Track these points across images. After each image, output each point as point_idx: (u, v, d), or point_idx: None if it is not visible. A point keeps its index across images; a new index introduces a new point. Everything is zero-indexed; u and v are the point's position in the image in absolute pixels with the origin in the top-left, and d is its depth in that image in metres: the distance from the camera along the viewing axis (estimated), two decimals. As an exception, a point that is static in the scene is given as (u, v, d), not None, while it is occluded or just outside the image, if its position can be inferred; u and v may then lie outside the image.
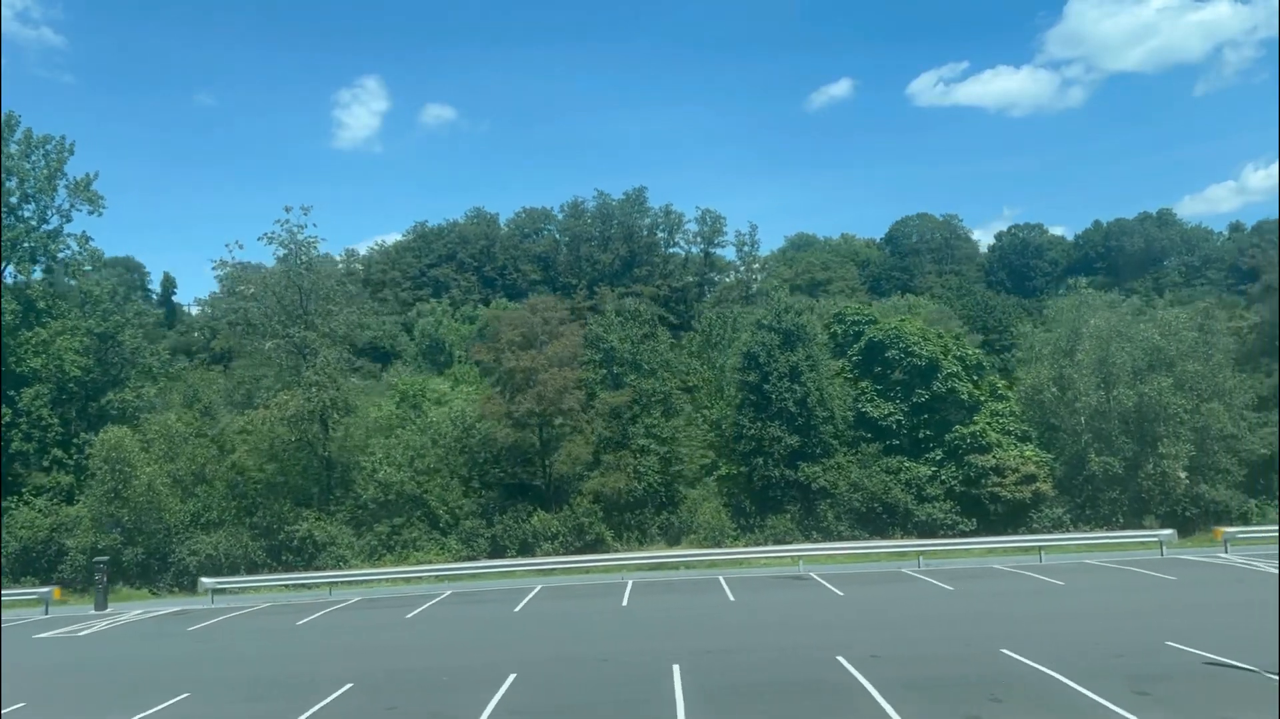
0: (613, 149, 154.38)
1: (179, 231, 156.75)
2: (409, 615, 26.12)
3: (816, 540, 38.69)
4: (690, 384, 47.31)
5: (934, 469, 39.66)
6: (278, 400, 38.68)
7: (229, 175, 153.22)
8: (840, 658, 15.83)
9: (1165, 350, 38.29)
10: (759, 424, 40.57)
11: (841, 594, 25.57)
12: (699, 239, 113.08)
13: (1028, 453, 39.11)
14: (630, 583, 31.49)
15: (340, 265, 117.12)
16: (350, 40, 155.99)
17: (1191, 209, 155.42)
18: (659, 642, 19.02)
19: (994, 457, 38.69)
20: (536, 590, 30.21)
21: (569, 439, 39.83)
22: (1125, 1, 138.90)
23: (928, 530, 38.39)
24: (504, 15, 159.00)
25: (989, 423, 39.98)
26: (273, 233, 40.93)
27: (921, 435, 40.32)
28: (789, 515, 39.74)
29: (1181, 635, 16.35)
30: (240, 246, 58.02)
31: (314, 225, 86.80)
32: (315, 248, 42.57)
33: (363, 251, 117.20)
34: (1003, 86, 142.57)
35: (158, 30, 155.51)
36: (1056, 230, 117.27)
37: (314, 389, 39.20)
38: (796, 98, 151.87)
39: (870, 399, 41.31)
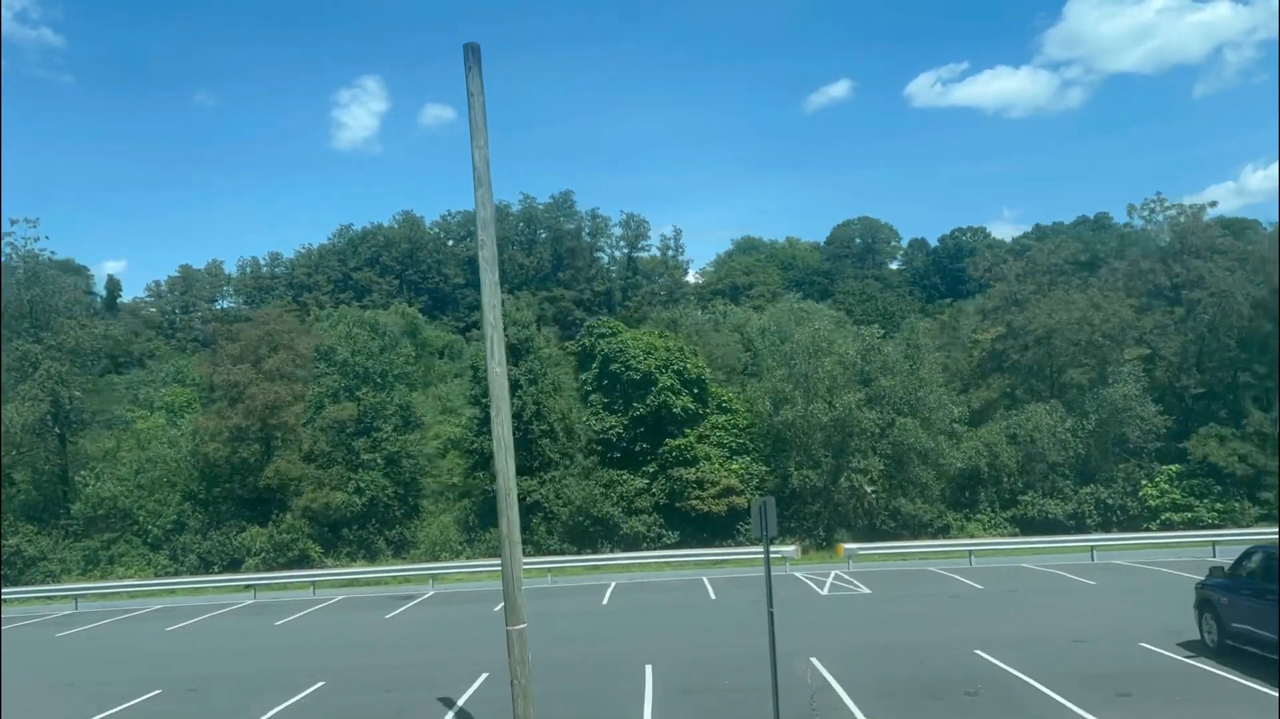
0: (613, 149, 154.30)
1: (178, 232, 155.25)
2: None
3: (529, 555, 39.07)
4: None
5: (647, 482, 40.08)
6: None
7: (228, 175, 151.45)
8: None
9: (861, 366, 38.77)
10: (481, 438, 40.81)
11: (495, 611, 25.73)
12: (622, 243, 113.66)
13: (734, 466, 39.62)
14: (337, 598, 31.90)
15: (265, 269, 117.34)
16: (350, 40, 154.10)
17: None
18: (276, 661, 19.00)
19: (698, 470, 39.15)
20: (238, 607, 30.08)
21: (279, 454, 39.84)
22: (1124, 2, 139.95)
23: (631, 544, 38.83)
24: (505, 16, 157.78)
25: (702, 436, 40.41)
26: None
27: (638, 448, 40.72)
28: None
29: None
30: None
31: (45, 238, 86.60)
32: (40, 259, 42.20)
33: (288, 255, 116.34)
34: (1001, 87, 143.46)
35: (157, 30, 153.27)
36: (1000, 234, 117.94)
37: (30, 403, 39.04)
38: (795, 99, 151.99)
39: (596, 412, 41.66)
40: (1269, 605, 13.89)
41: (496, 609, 25.03)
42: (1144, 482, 37.61)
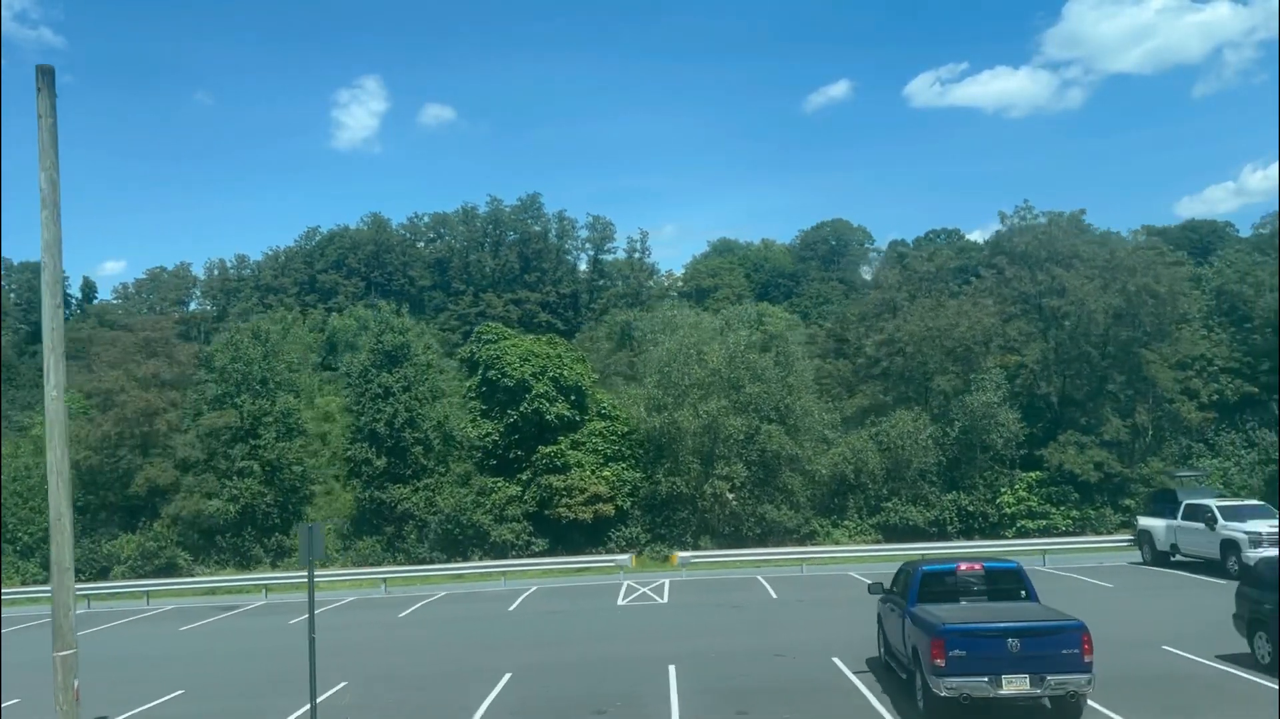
0: (612, 150, 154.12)
1: (177, 232, 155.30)
2: None
3: (400, 563, 39.31)
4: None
5: (520, 489, 40.21)
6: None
7: (228, 175, 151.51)
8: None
9: (727, 373, 38.88)
10: (356, 446, 41.07)
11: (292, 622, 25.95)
12: (588, 245, 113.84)
13: (606, 474, 39.73)
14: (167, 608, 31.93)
15: (231, 270, 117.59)
16: (350, 40, 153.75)
17: (1190, 210, 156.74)
18: None
19: (567, 478, 39.26)
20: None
21: (149, 462, 39.97)
22: (1124, 2, 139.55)
23: (501, 552, 38.97)
24: (505, 16, 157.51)
25: (577, 443, 40.50)
26: None
27: (513, 456, 40.85)
28: (380, 539, 40.24)
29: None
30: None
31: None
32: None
33: (256, 257, 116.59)
34: (1001, 87, 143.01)
35: (157, 31, 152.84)
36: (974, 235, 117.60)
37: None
38: (794, 99, 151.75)
39: (474, 419, 41.79)
40: (902, 620, 13.93)
41: (295, 621, 25.18)
42: (1003, 489, 37.74)
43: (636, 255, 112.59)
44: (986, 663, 11.64)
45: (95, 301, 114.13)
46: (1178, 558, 28.11)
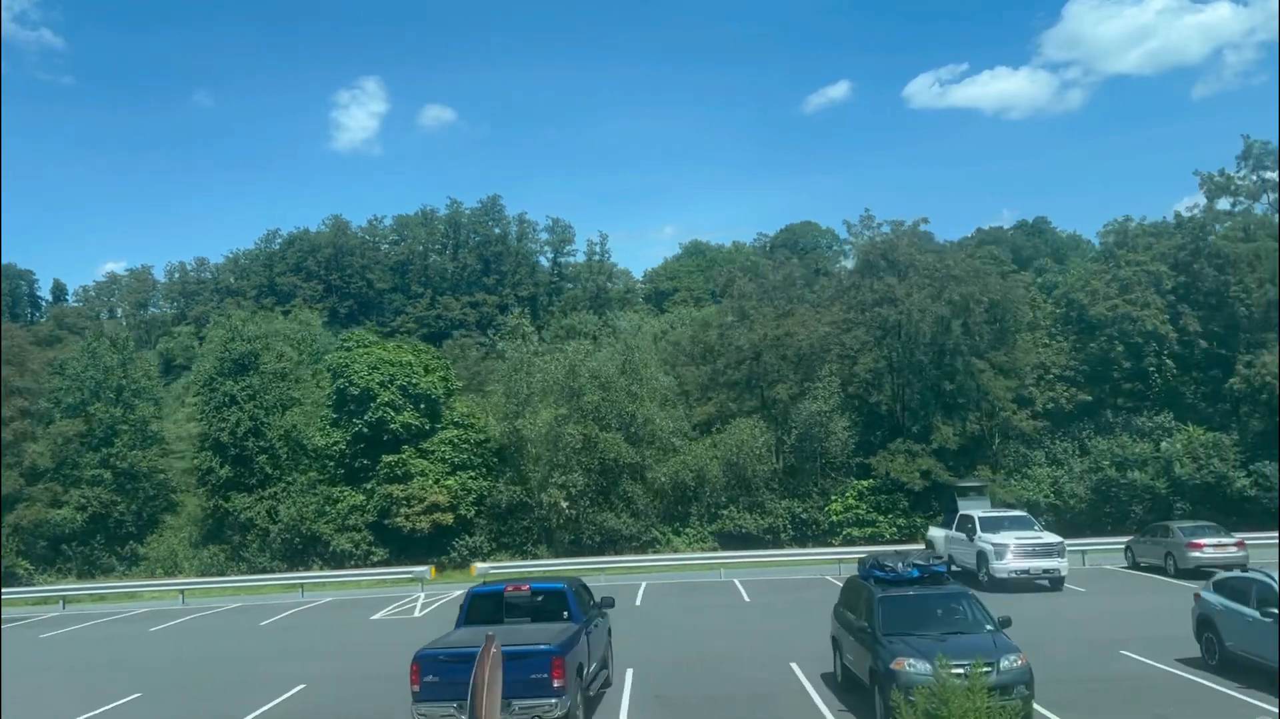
0: (612, 150, 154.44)
1: (177, 232, 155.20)
2: None
3: (244, 573, 39.33)
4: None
5: (365, 498, 40.22)
6: None
7: (227, 176, 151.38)
8: None
9: (566, 382, 38.98)
10: (201, 455, 41.09)
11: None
12: (548, 248, 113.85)
13: (449, 483, 39.74)
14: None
15: (192, 273, 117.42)
16: (350, 41, 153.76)
17: (1189, 211, 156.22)
18: None
19: (407, 487, 39.27)
20: None
21: (-9, 471, 39.94)
22: (1124, 3, 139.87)
23: (339, 561, 38.99)
24: (505, 16, 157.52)
25: (425, 452, 40.48)
26: None
27: (359, 465, 40.85)
28: (225, 548, 40.29)
29: None
30: None
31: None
32: None
33: (216, 260, 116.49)
34: (1000, 88, 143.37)
35: (156, 31, 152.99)
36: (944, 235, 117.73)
37: None
38: (794, 101, 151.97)
39: (323, 428, 41.77)
40: None
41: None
42: (833, 497, 37.90)
43: (596, 258, 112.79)
44: (457, 688, 11.68)
45: (66, 303, 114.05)
46: (954, 568, 28.22)
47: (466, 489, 40.08)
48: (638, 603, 26.20)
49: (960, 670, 11.07)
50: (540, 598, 14.01)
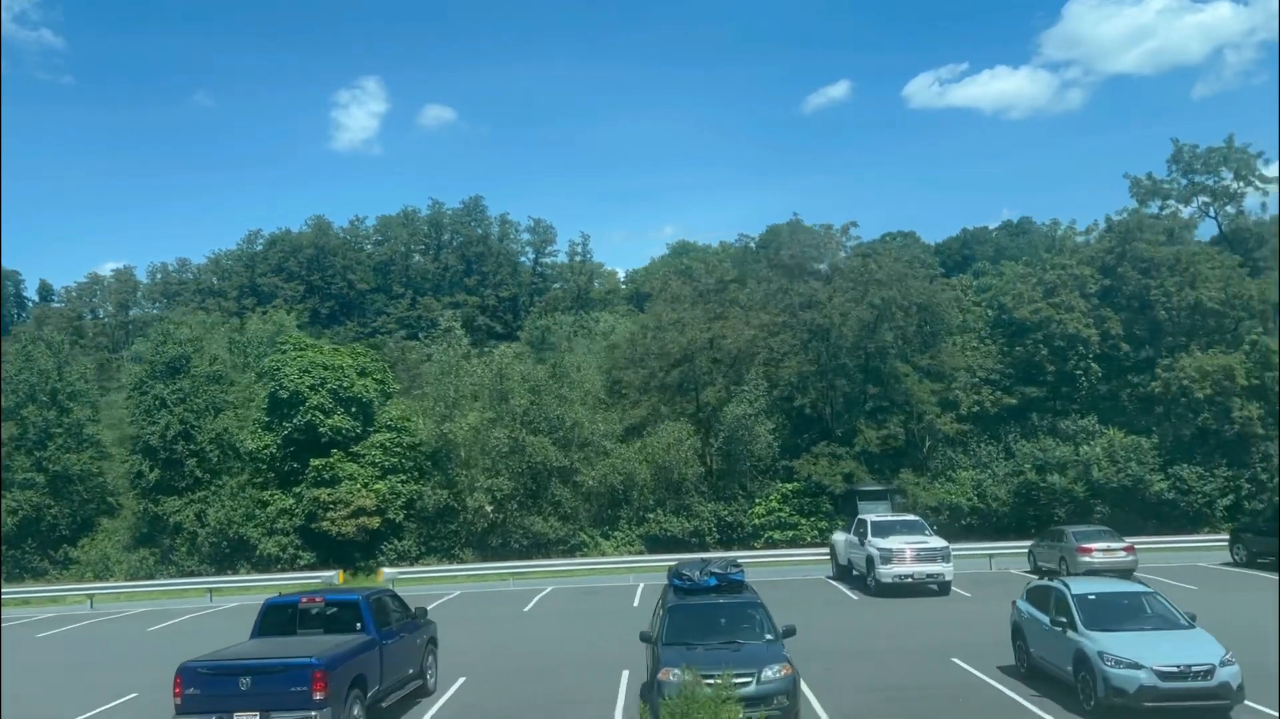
0: (613, 151, 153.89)
1: (177, 233, 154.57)
2: None
3: (172, 576, 39.32)
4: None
5: (294, 502, 40.18)
6: None
7: (227, 176, 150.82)
8: None
9: (494, 386, 38.99)
10: (132, 458, 41.06)
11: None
12: (530, 248, 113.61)
13: (378, 487, 39.69)
14: None
15: (174, 274, 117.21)
16: (350, 41, 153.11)
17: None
18: None
19: (335, 491, 39.22)
20: None
21: (-83, 476, 39.87)
22: (1123, 3, 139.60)
23: (266, 566, 38.96)
24: (506, 17, 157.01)
25: (356, 456, 40.44)
26: None
27: (289, 469, 40.81)
28: (154, 551, 40.27)
29: None
30: None
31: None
32: None
33: (198, 260, 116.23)
34: (1000, 88, 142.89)
35: (157, 32, 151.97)
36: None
37: None
38: (794, 100, 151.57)
39: (254, 431, 41.73)
40: None
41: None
42: (757, 500, 37.93)
43: (579, 258, 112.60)
44: (217, 701, 11.74)
45: (52, 304, 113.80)
46: (854, 573, 28.30)
47: (396, 493, 40.04)
48: (527, 609, 26.20)
49: (713, 681, 11.12)
50: (334, 610, 14.01)
